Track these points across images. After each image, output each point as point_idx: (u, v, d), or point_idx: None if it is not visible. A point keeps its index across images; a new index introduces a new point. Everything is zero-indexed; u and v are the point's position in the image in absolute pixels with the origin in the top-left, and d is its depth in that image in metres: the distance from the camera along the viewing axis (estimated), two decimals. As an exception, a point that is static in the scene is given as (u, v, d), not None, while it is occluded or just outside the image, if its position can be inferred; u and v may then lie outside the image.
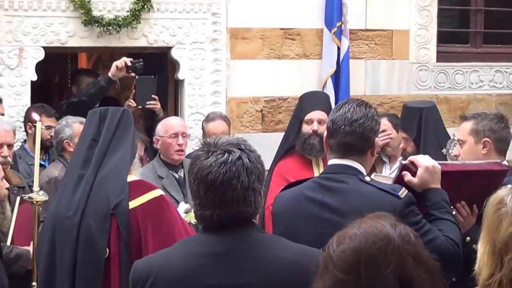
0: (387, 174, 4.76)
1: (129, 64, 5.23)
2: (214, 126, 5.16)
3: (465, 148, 3.37)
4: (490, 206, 2.07)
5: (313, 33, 6.20)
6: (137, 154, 3.46)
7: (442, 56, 6.61)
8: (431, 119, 4.64)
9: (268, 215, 3.82)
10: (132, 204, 3.17)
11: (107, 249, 3.14)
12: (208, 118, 5.27)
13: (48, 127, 5.05)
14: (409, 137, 4.58)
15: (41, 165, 4.48)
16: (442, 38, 6.67)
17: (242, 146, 2.24)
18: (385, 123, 5.02)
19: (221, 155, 2.20)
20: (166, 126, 4.90)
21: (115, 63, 5.25)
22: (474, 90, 6.72)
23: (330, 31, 6.08)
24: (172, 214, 3.27)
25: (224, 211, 2.19)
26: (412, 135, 4.57)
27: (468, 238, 3.00)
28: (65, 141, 4.70)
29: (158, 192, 3.27)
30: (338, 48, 6.08)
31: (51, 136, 4.96)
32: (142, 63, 5.28)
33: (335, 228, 1.82)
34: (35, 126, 5.10)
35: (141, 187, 3.29)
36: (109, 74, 5.27)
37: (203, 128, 5.29)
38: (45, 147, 5.10)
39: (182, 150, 4.83)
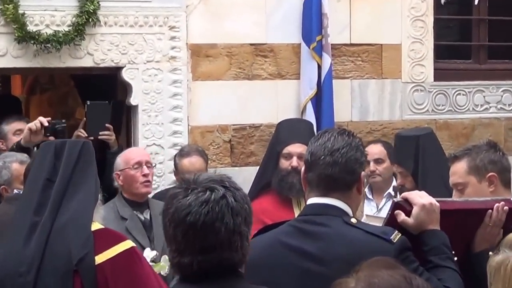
0: (372, 213, 4.77)
1: (46, 124, 4.82)
2: (189, 162, 5.14)
3: (469, 191, 3.31)
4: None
5: (288, 49, 6.24)
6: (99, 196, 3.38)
7: (440, 74, 6.67)
8: (430, 148, 4.65)
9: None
10: (99, 258, 3.11)
11: None
12: (182, 153, 5.25)
13: None
14: (406, 171, 4.58)
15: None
16: (440, 53, 6.75)
17: (226, 183, 2.25)
18: (380, 150, 5.04)
19: (202, 193, 2.20)
20: (127, 157, 4.88)
21: (28, 126, 4.83)
22: (479, 114, 6.78)
23: (309, 47, 6.12)
24: (145, 269, 3.24)
25: (206, 258, 2.19)
26: (410, 168, 4.56)
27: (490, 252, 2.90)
28: (2, 187, 4.51)
29: (128, 244, 3.22)
30: (319, 67, 6.12)
31: None
32: (64, 125, 4.92)
33: (319, 281, 1.80)
34: None
35: (108, 237, 3.23)
36: (22, 142, 4.83)
37: (175, 165, 5.24)
38: None
39: (148, 181, 4.79)
